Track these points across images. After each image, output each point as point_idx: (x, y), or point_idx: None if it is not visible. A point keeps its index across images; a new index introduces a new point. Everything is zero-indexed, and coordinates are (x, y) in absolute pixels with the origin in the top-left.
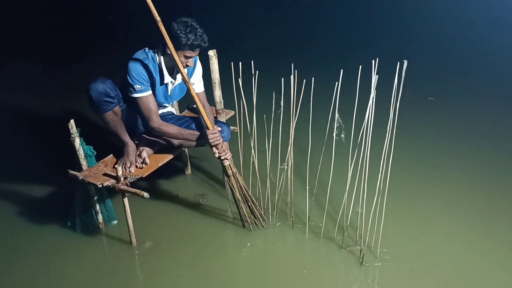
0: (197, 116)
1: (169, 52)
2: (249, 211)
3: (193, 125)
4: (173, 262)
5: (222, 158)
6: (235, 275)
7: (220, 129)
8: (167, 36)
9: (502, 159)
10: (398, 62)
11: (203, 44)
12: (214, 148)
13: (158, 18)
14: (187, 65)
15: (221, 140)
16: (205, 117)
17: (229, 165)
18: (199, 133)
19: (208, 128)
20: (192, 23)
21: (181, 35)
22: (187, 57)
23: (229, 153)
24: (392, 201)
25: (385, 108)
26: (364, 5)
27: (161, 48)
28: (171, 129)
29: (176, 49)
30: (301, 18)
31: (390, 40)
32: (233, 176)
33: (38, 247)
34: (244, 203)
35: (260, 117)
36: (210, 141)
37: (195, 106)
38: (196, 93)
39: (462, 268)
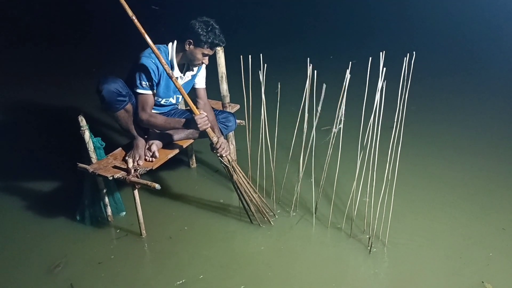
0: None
1: (187, 49)
2: (255, 206)
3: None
4: (182, 255)
5: (218, 154)
6: (243, 269)
7: (206, 114)
8: (143, 30)
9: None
10: (408, 54)
11: (221, 44)
12: (210, 137)
13: (133, 16)
14: (203, 63)
15: (209, 124)
16: (191, 104)
17: (228, 160)
18: (184, 120)
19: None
20: (212, 22)
21: (202, 33)
22: (204, 55)
23: (227, 148)
24: (399, 190)
25: (392, 100)
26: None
27: (175, 44)
28: (158, 119)
29: (196, 45)
30: (299, 12)
31: (394, 34)
32: (233, 170)
33: (47, 242)
34: (250, 198)
35: (267, 109)
36: (199, 125)
37: (197, 100)
38: (199, 88)
39: (469, 255)
